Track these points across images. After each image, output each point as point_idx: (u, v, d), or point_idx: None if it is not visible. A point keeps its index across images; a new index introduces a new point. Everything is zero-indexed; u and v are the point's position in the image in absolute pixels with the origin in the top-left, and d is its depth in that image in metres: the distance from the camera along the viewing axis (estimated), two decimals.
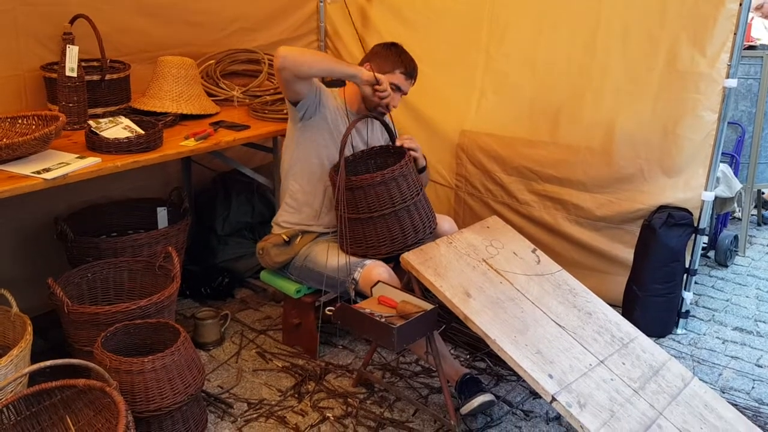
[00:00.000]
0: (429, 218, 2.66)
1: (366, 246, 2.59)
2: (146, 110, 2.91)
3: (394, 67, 2.71)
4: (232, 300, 3.38)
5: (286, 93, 2.62)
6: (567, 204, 3.25)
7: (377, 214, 2.53)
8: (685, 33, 2.88)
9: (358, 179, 2.52)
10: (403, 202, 2.55)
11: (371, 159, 2.81)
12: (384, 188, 2.51)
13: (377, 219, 2.53)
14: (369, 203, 2.53)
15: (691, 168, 3.00)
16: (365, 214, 2.54)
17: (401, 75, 2.72)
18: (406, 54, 2.76)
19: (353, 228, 2.57)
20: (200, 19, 3.41)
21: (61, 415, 2.07)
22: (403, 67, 2.72)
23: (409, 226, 2.58)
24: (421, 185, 2.67)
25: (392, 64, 2.71)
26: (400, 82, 2.72)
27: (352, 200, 2.54)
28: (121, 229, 3.15)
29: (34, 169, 2.24)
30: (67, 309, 2.35)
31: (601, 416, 2.03)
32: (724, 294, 3.60)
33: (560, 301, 2.45)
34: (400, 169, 2.54)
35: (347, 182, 2.51)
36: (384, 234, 2.56)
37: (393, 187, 2.52)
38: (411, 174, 2.60)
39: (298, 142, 2.73)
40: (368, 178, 2.51)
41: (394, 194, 2.53)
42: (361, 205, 2.54)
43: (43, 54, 2.83)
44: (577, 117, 3.19)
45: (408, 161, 2.60)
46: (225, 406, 2.57)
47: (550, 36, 3.24)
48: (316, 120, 2.69)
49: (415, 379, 2.77)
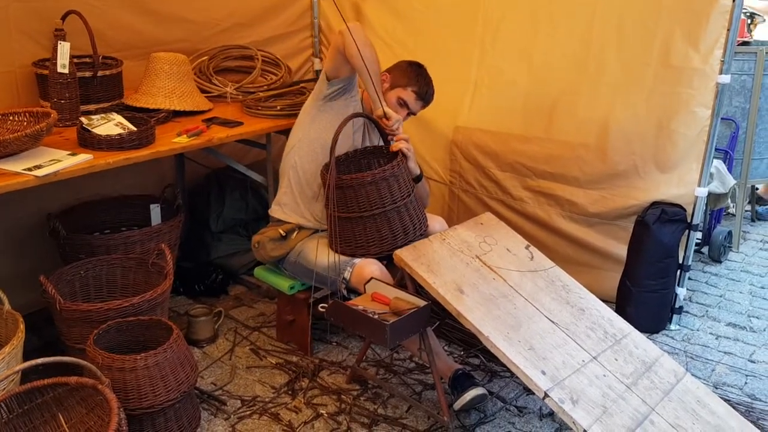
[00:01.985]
0: (419, 220, 2.66)
1: (355, 245, 2.58)
2: (139, 107, 2.90)
3: (408, 84, 2.75)
4: (225, 297, 3.37)
5: (330, 64, 2.65)
6: (561, 200, 3.25)
7: (367, 213, 2.52)
8: (680, 28, 2.88)
9: (348, 178, 2.51)
10: (393, 203, 2.54)
11: (364, 158, 2.80)
12: (374, 188, 2.50)
13: (367, 219, 2.53)
14: (359, 202, 2.52)
15: (685, 164, 3.00)
16: (355, 214, 2.54)
17: (412, 93, 2.75)
18: (425, 77, 2.79)
19: (343, 227, 2.57)
20: (193, 16, 3.40)
21: (53, 412, 2.06)
22: (416, 86, 2.75)
23: (399, 227, 2.57)
24: (413, 187, 2.66)
25: (407, 80, 2.75)
26: (409, 100, 2.75)
27: (343, 199, 2.53)
28: (114, 226, 3.14)
29: (26, 166, 2.23)
30: (60, 306, 2.34)
31: (594, 412, 2.03)
32: (718, 290, 3.60)
33: (553, 298, 2.45)
34: (391, 170, 2.53)
35: (338, 180, 2.50)
36: (373, 234, 2.55)
37: (383, 187, 2.51)
38: (402, 175, 2.59)
39: (314, 118, 2.75)
40: (359, 177, 2.50)
41: (384, 194, 2.52)
42: (351, 204, 2.53)
43: (35, 50, 2.82)
44: (572, 112, 3.18)
45: (400, 162, 2.59)
46: (218, 403, 2.57)
47: (545, 31, 3.23)
48: (340, 103, 2.71)
49: (409, 376, 2.77)
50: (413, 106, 2.78)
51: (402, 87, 2.75)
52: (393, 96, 2.75)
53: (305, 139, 2.77)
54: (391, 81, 2.76)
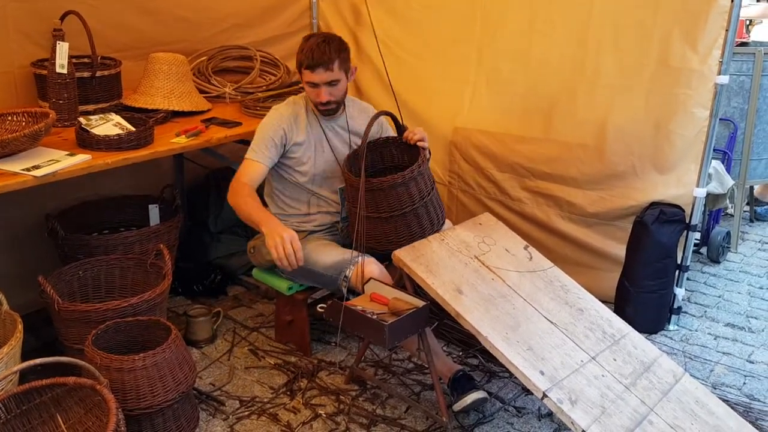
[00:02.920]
0: (441, 209, 2.68)
1: (386, 242, 2.57)
2: (137, 107, 2.90)
3: (299, 65, 2.60)
4: (224, 297, 3.37)
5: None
6: (560, 201, 3.25)
7: (398, 213, 2.52)
8: (678, 29, 2.87)
9: (378, 181, 2.49)
10: (421, 199, 2.54)
11: (378, 150, 2.76)
12: (404, 189, 2.50)
13: (398, 217, 2.52)
14: (390, 203, 2.51)
15: (683, 164, 3.00)
16: (386, 214, 2.53)
17: (306, 71, 2.58)
18: (306, 44, 2.58)
19: (372, 226, 2.55)
20: (193, 16, 3.40)
21: (51, 413, 2.06)
22: (305, 63, 2.57)
23: (426, 221, 2.58)
24: (433, 179, 2.66)
25: (298, 63, 2.61)
26: (309, 79, 2.59)
27: (372, 201, 2.51)
28: (113, 227, 3.14)
29: (24, 167, 2.23)
30: (58, 307, 2.34)
31: (593, 412, 2.03)
32: (716, 290, 3.60)
33: (552, 298, 2.45)
34: (418, 168, 2.52)
35: (367, 184, 2.48)
36: (403, 231, 2.55)
37: (412, 186, 2.51)
38: (426, 171, 2.59)
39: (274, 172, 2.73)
40: (389, 180, 2.48)
41: (414, 193, 2.52)
42: (382, 206, 2.52)
43: (34, 50, 2.82)
44: (570, 113, 3.18)
45: (423, 158, 2.58)
46: (217, 403, 2.57)
47: (542, 31, 3.23)
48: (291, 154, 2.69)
49: (408, 376, 2.77)
50: (317, 79, 2.57)
51: (299, 72, 2.62)
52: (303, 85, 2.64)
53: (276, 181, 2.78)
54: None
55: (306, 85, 2.63)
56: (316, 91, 2.61)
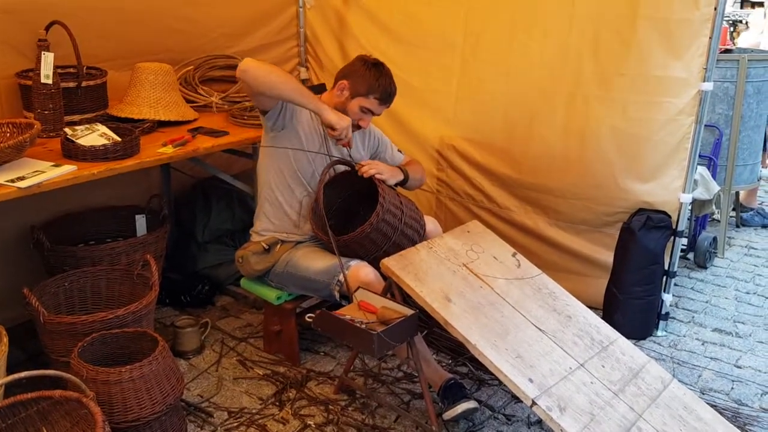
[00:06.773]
0: (418, 220, 2.70)
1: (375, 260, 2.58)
2: (123, 117, 2.89)
3: (369, 92, 2.64)
4: (212, 307, 3.35)
5: (252, 101, 2.59)
6: (547, 209, 3.27)
7: (380, 252, 2.55)
8: (659, 37, 2.89)
9: (349, 237, 2.52)
10: (396, 230, 2.57)
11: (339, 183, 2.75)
12: (376, 233, 2.53)
13: (380, 255, 2.51)
14: (366, 249, 2.56)
15: (669, 171, 3.02)
16: (367, 258, 2.57)
17: (375, 100, 2.66)
18: (384, 77, 2.67)
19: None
20: (179, 26, 3.39)
21: (37, 426, 2.03)
22: (378, 93, 2.65)
23: (408, 243, 2.59)
24: (400, 201, 2.65)
25: (368, 88, 2.64)
26: (372, 107, 2.67)
27: (349, 250, 2.55)
28: (99, 237, 3.12)
29: (8, 178, 2.22)
30: (43, 319, 2.32)
31: (582, 420, 2.03)
32: (704, 296, 3.62)
33: (540, 305, 2.45)
34: (382, 209, 2.52)
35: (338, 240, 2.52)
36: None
37: (383, 226, 2.53)
38: (392, 199, 2.59)
39: (270, 152, 2.70)
40: (358, 233, 2.51)
41: (387, 230, 2.55)
42: (360, 252, 2.56)
43: (19, 61, 2.79)
44: (551, 123, 3.19)
45: (383, 192, 2.56)
46: (205, 415, 2.55)
47: (523, 42, 3.23)
48: (288, 132, 2.67)
49: (397, 385, 2.76)
50: (377, 110, 2.70)
51: (363, 96, 2.64)
52: (355, 105, 2.66)
53: (271, 172, 2.74)
54: (351, 90, 2.65)
55: (358, 107, 2.65)
56: (365, 118, 2.70)
